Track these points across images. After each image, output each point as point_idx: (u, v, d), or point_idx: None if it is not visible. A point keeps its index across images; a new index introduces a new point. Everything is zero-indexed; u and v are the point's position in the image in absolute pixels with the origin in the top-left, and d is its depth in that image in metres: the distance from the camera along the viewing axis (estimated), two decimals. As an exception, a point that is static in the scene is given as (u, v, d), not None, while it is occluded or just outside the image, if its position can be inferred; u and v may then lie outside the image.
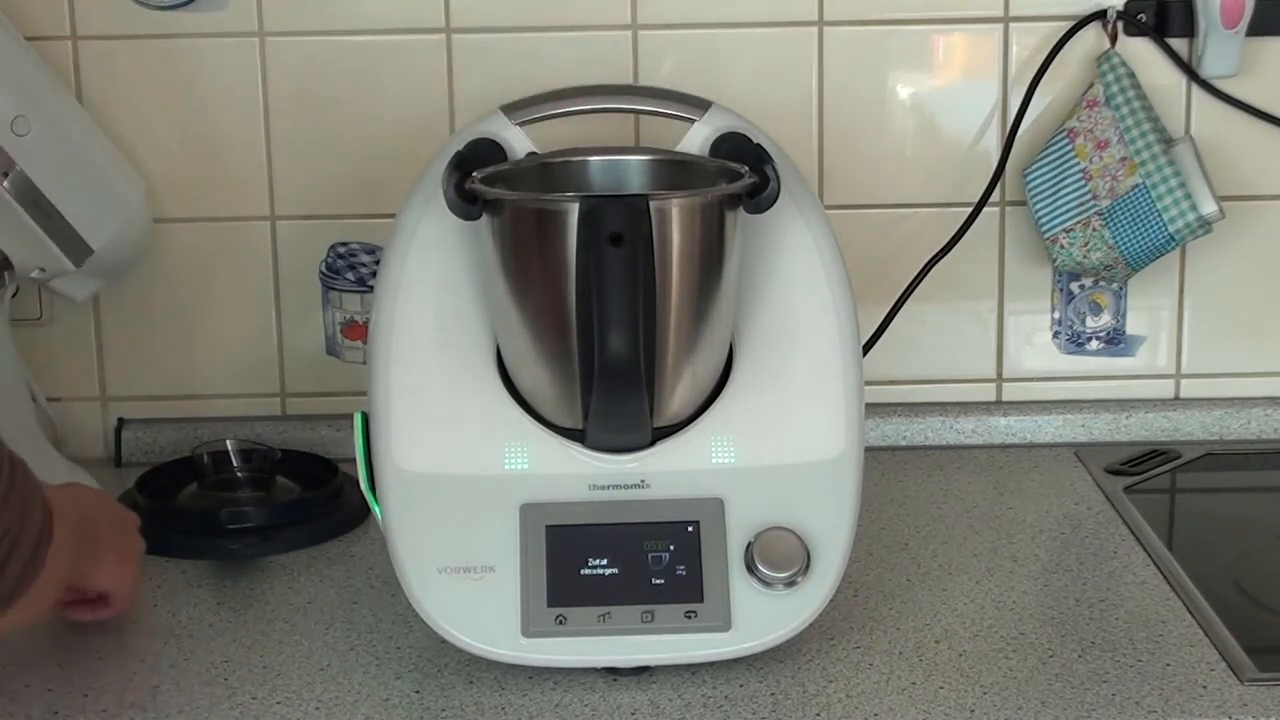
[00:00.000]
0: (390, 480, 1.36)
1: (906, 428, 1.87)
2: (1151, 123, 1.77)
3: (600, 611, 1.33)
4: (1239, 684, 1.33)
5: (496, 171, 1.37)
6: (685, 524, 1.36)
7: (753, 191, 1.33)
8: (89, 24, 1.79)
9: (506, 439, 1.37)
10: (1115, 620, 1.45)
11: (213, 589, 1.55)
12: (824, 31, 1.82)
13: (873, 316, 1.79)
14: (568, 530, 1.35)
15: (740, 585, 1.35)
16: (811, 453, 1.38)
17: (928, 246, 1.80)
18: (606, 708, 1.32)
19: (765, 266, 1.41)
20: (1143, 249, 1.78)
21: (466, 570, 1.34)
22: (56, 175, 1.61)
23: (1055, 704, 1.31)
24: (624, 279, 1.27)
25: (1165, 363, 1.89)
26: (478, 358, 1.39)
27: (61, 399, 1.86)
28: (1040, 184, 1.80)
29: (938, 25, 1.83)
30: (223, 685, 1.36)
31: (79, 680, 1.37)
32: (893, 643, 1.41)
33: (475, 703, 1.33)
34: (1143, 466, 1.80)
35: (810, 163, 1.82)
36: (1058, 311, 1.88)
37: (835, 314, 1.40)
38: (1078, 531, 1.65)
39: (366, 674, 1.38)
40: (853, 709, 1.31)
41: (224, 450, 1.75)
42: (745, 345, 1.40)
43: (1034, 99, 1.80)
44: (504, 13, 1.79)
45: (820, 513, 1.37)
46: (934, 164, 1.85)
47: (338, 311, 1.85)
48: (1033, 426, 1.88)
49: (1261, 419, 1.88)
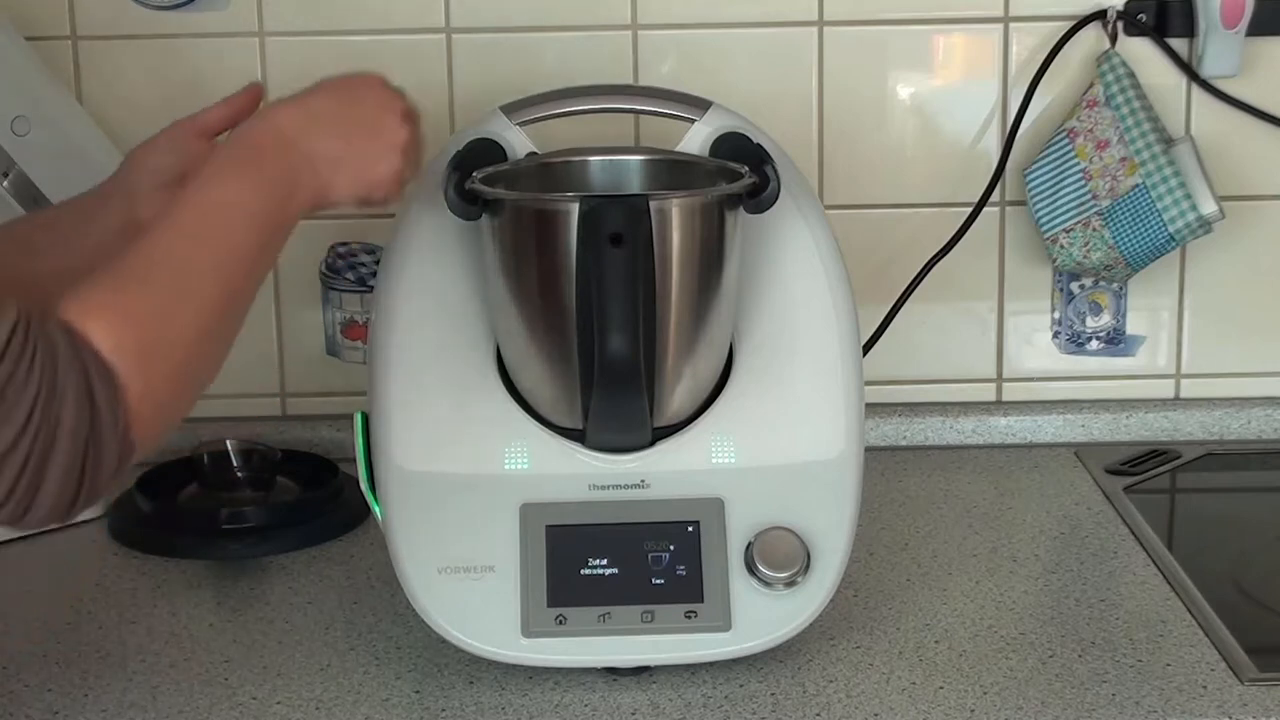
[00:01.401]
0: (390, 480, 1.36)
1: (906, 428, 1.87)
2: (1151, 123, 1.77)
3: (600, 611, 1.33)
4: (1239, 684, 1.33)
5: (496, 171, 1.37)
6: (685, 524, 1.36)
7: (753, 191, 1.34)
8: (89, 24, 1.79)
9: (506, 439, 1.37)
10: (1115, 620, 1.45)
11: (213, 589, 1.55)
12: (824, 31, 1.82)
13: (873, 316, 1.79)
14: (568, 530, 1.35)
15: (740, 585, 1.35)
16: (811, 453, 1.38)
17: (928, 246, 1.80)
18: (606, 708, 1.32)
19: (765, 266, 1.41)
20: (1143, 249, 1.77)
21: (466, 570, 1.34)
22: (56, 175, 1.61)
23: (1055, 704, 1.31)
24: (624, 279, 1.27)
25: (1165, 363, 1.89)
26: (478, 358, 1.39)
27: (61, 399, 1.86)
28: (1040, 184, 1.80)
29: (938, 25, 1.83)
30: (223, 685, 1.36)
31: (79, 680, 1.37)
32: (893, 643, 1.41)
33: (475, 703, 1.33)
34: (1143, 466, 1.79)
35: (810, 163, 1.82)
36: (1058, 311, 1.88)
37: (835, 314, 1.40)
38: (1078, 531, 1.65)
39: (366, 674, 1.38)
40: (853, 709, 1.31)
41: (224, 450, 1.74)
42: (745, 345, 1.40)
43: (1034, 99, 1.80)
44: (504, 13, 1.79)
45: (820, 513, 1.37)
46: (934, 164, 1.85)
47: (338, 311, 1.85)
48: (1033, 426, 1.87)
49: (1261, 419, 1.88)
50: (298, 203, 1.20)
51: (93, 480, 1.04)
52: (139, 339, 1.06)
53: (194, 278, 1.11)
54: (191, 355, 1.10)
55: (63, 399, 1.01)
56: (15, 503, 1.02)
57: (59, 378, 1.01)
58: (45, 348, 1.02)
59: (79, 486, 1.04)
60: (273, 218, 1.18)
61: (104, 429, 1.03)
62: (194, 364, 1.11)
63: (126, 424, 1.04)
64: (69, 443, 1.02)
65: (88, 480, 1.04)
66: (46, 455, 1.02)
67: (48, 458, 1.02)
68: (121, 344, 1.05)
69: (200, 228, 1.13)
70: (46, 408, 1.01)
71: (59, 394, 1.01)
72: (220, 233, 1.14)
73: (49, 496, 1.03)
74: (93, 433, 1.03)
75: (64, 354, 1.02)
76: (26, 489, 1.02)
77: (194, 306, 1.10)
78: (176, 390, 1.09)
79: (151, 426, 1.07)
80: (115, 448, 1.04)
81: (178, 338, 1.09)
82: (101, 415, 1.03)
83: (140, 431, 1.05)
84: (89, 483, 1.04)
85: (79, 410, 1.02)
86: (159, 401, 1.07)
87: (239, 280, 1.14)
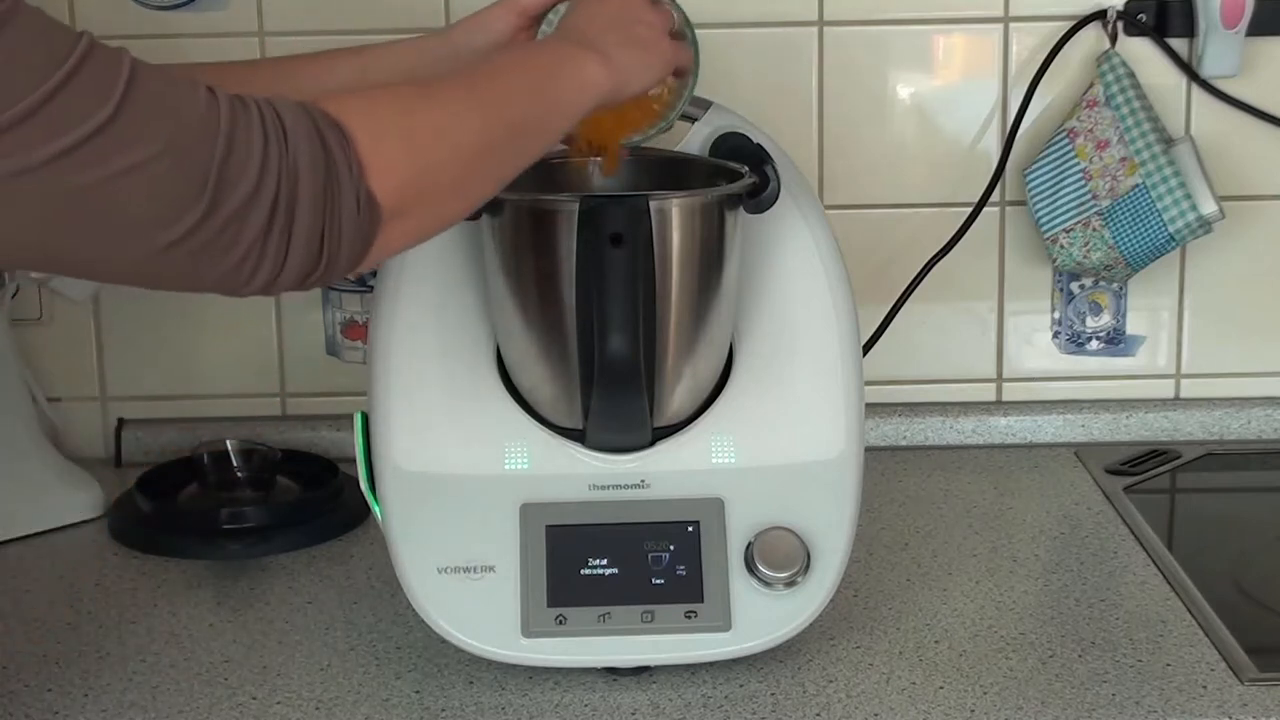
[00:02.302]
0: (390, 480, 1.36)
1: (906, 428, 1.87)
2: (1151, 123, 1.77)
3: (600, 611, 1.33)
4: (1239, 684, 1.33)
5: (496, 171, 1.37)
6: (685, 524, 1.36)
7: (753, 191, 1.34)
8: (89, 24, 1.77)
9: (506, 439, 1.37)
10: (1115, 620, 1.45)
11: (213, 589, 1.55)
12: (824, 31, 1.82)
13: (873, 316, 1.79)
14: (568, 530, 1.35)
15: (740, 585, 1.34)
16: (811, 453, 1.38)
17: (928, 246, 1.80)
18: (606, 708, 1.32)
19: (765, 266, 1.41)
20: (1143, 249, 1.77)
21: (466, 570, 1.34)
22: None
23: (1055, 704, 1.31)
24: (624, 279, 1.27)
25: (1165, 363, 1.89)
26: (478, 358, 1.39)
27: (61, 399, 1.86)
28: (1040, 184, 1.80)
29: (938, 25, 1.83)
30: (223, 685, 1.36)
31: (79, 680, 1.37)
32: (893, 643, 1.41)
33: (475, 703, 1.33)
34: (1143, 466, 1.79)
35: (810, 163, 1.82)
36: (1058, 311, 1.88)
37: (835, 314, 1.40)
38: (1078, 531, 1.65)
39: (366, 674, 1.38)
40: (853, 709, 1.31)
41: (224, 450, 1.75)
42: (745, 345, 1.40)
43: (1034, 99, 1.81)
44: (504, 13, 1.79)
45: (820, 513, 1.37)
46: (934, 164, 1.85)
47: (338, 311, 1.85)
48: (1033, 426, 1.88)
49: (1261, 419, 1.88)
50: (585, 78, 1.21)
51: (335, 228, 1.04)
52: (369, 107, 1.07)
53: (455, 97, 1.13)
54: (428, 145, 1.09)
55: (296, 142, 1.02)
56: (274, 245, 1.02)
57: (286, 126, 1.02)
58: (265, 104, 1.03)
59: (323, 231, 1.03)
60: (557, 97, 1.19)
61: (339, 171, 1.03)
62: (429, 153, 1.09)
63: (360, 170, 1.04)
64: (309, 180, 1.02)
65: (331, 224, 1.04)
66: (294, 194, 1.02)
67: (295, 197, 1.02)
68: (348, 107, 1.06)
69: (477, 72, 1.16)
70: (281, 148, 1.01)
71: (290, 138, 1.02)
72: (493, 81, 1.15)
73: (300, 243, 1.03)
74: (329, 177, 1.03)
75: (287, 108, 1.03)
76: (282, 229, 1.02)
77: (445, 113, 1.11)
78: (411, 161, 1.08)
79: (388, 178, 1.06)
80: (353, 194, 1.04)
81: (416, 125, 1.09)
82: (335, 157, 1.03)
83: (378, 183, 1.05)
84: (333, 228, 1.04)
85: (312, 150, 1.02)
86: (391, 161, 1.06)
87: (499, 130, 1.14)
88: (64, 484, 1.71)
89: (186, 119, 1.00)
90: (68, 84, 0.96)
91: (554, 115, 1.19)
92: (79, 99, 0.97)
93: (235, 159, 1.00)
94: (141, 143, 0.98)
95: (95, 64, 0.98)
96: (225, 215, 1.00)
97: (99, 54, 0.99)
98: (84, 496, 1.71)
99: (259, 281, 1.04)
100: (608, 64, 1.22)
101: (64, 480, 1.71)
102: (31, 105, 0.95)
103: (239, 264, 1.02)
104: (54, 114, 0.96)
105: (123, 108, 0.98)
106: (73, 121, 0.96)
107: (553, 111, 1.19)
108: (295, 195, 1.02)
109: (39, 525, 1.67)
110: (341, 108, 1.06)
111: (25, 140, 0.95)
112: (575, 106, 1.20)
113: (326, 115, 1.05)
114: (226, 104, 1.01)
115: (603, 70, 1.21)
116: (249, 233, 1.01)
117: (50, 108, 0.96)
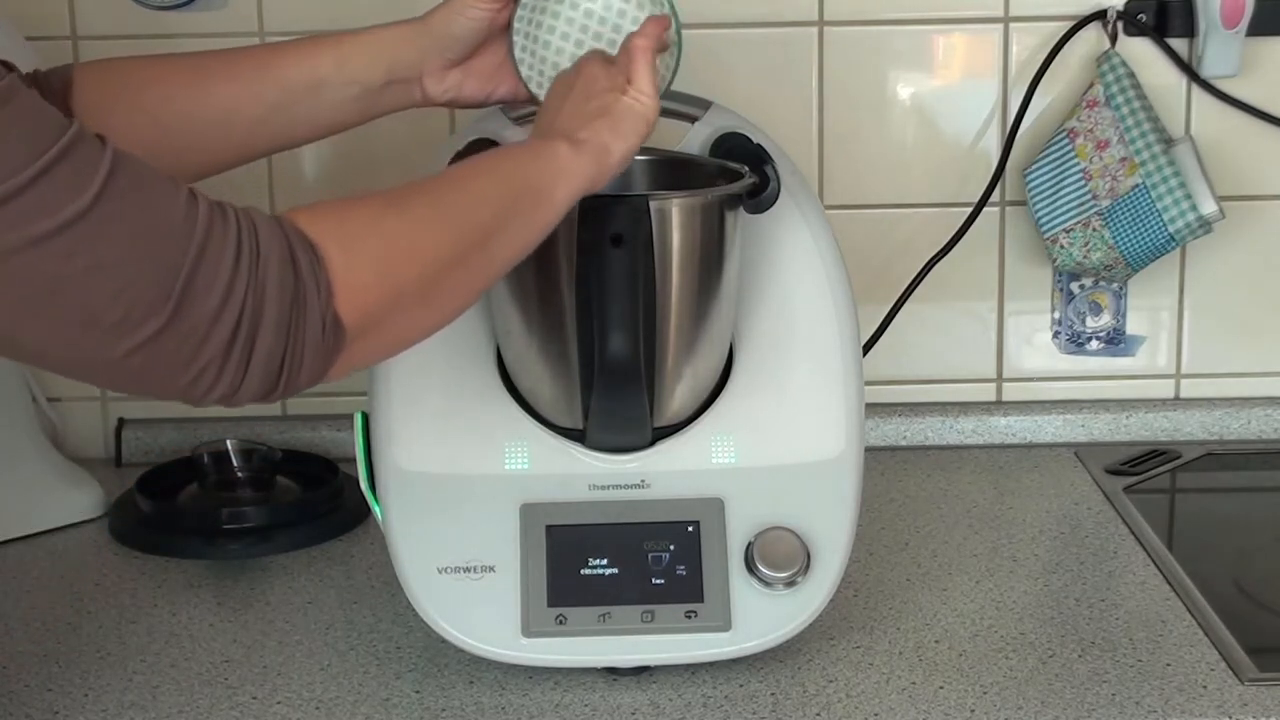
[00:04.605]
0: (390, 480, 1.36)
1: (906, 428, 1.87)
2: (1151, 123, 1.77)
3: (600, 611, 1.33)
4: (1239, 684, 1.33)
5: (496, 171, 1.37)
6: (685, 524, 1.36)
7: (753, 191, 1.34)
8: (89, 24, 1.79)
9: (506, 439, 1.37)
10: (1115, 620, 1.45)
11: (213, 589, 1.55)
12: (824, 31, 1.82)
13: (873, 316, 1.79)
14: (568, 530, 1.35)
15: (740, 585, 1.35)
16: (811, 453, 1.38)
17: (928, 246, 1.81)
18: (606, 708, 1.32)
19: (765, 266, 1.41)
20: (1143, 249, 1.78)
21: (466, 570, 1.34)
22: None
23: (1055, 704, 1.31)
24: (624, 279, 1.27)
25: (1165, 363, 1.89)
26: (478, 357, 1.39)
27: (61, 399, 1.86)
28: (1040, 184, 1.80)
29: (938, 25, 1.83)
30: (223, 685, 1.36)
31: (79, 680, 1.37)
32: (893, 643, 1.41)
33: (475, 703, 1.33)
34: (1143, 466, 1.79)
35: (810, 163, 1.82)
36: (1058, 311, 1.88)
37: (835, 314, 1.40)
38: (1078, 531, 1.65)
39: (366, 674, 1.38)
40: (853, 709, 1.31)
41: (224, 450, 1.75)
42: (745, 345, 1.40)
43: (1034, 99, 1.81)
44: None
45: (820, 513, 1.37)
46: (934, 164, 1.85)
47: (338, 311, 1.84)
48: (1033, 426, 1.88)
49: (1261, 419, 1.88)
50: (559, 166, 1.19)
51: (298, 350, 1.03)
52: (341, 224, 1.07)
53: (424, 210, 1.12)
54: (400, 264, 1.08)
55: (267, 261, 1.01)
56: (234, 364, 1.02)
57: (260, 243, 1.02)
58: (244, 216, 1.03)
59: (284, 354, 1.03)
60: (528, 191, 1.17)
61: (308, 294, 1.03)
62: (400, 272, 1.09)
63: (329, 293, 1.04)
64: (276, 302, 1.01)
65: (293, 347, 1.03)
66: (258, 316, 1.01)
67: (259, 319, 1.01)
68: (322, 224, 1.05)
69: (442, 181, 1.15)
70: (252, 266, 1.01)
71: (262, 256, 1.01)
72: (462, 188, 1.15)
73: (260, 364, 1.02)
74: (297, 296, 1.02)
75: (264, 223, 1.03)
76: (242, 348, 1.01)
77: (415, 229, 1.10)
78: (381, 282, 1.07)
79: (357, 300, 1.05)
80: (318, 317, 1.03)
81: (388, 243, 1.08)
82: (304, 279, 1.03)
83: (346, 306, 1.05)
84: (295, 351, 1.03)
85: (282, 271, 1.02)
86: (362, 282, 1.06)
87: (472, 238, 1.13)
88: (64, 484, 1.71)
89: (162, 221, 0.99)
90: (49, 171, 0.96)
91: (534, 211, 1.17)
92: (57, 188, 0.96)
93: (204, 271, 0.99)
94: (112, 240, 0.97)
95: (77, 154, 0.98)
96: (187, 328, 1.00)
97: (83, 145, 0.98)
98: (84, 496, 1.71)
99: (214, 397, 1.03)
100: (577, 145, 1.20)
101: (64, 480, 1.71)
102: (9, 190, 0.94)
103: (195, 379, 1.02)
104: (31, 200, 0.95)
105: (99, 201, 0.97)
106: (49, 209, 0.95)
107: (532, 208, 1.17)
108: (259, 317, 1.02)
109: (39, 525, 1.67)
110: (315, 225, 1.05)
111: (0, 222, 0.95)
112: (557, 196, 1.18)
113: (301, 234, 1.04)
114: (205, 211, 1.01)
115: (573, 153, 1.19)
116: (209, 349, 1.01)
117: (28, 194, 0.95)
